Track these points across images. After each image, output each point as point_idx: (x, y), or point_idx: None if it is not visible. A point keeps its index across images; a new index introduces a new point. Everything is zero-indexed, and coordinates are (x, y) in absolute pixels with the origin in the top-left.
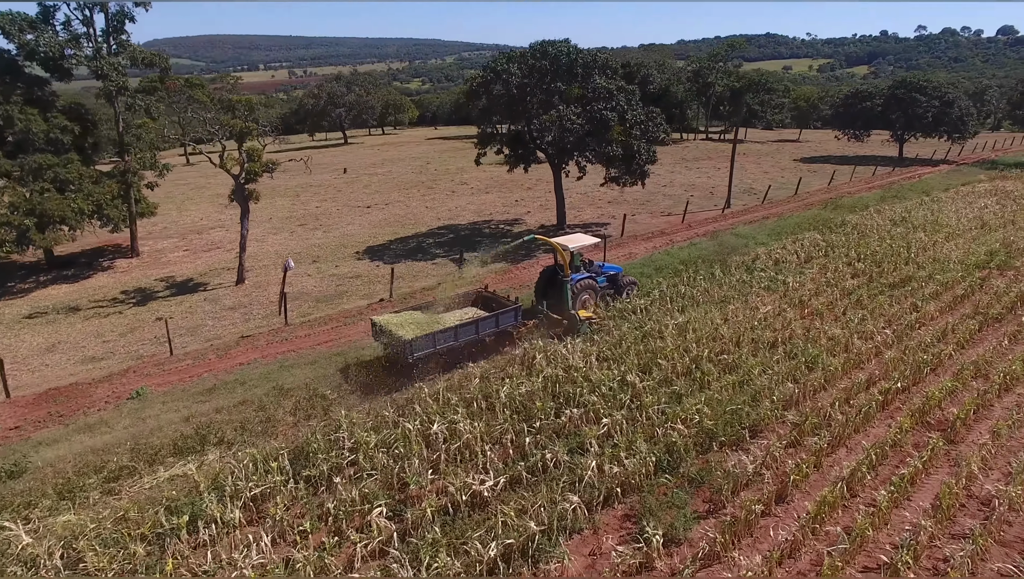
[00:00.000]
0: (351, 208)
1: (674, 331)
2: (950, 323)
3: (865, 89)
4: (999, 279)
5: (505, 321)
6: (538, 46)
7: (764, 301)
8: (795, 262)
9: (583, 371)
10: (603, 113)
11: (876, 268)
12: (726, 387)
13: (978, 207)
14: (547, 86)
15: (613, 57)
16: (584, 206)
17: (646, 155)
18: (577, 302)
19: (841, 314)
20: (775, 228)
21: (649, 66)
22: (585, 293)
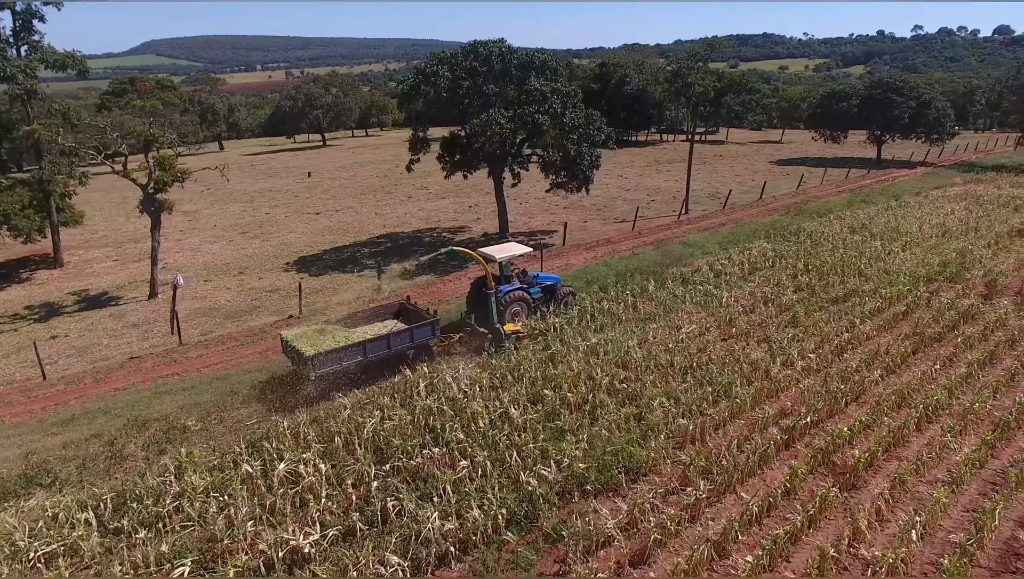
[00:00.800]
0: (300, 215)
1: (581, 354)
2: (883, 345)
3: (842, 89)
4: (948, 292)
5: (421, 335)
6: (469, 47)
7: (692, 318)
8: (738, 274)
9: (463, 402)
10: (535, 117)
11: (821, 281)
12: (619, 421)
13: (944, 213)
14: (480, 89)
15: (588, 56)
16: (538, 212)
17: (588, 160)
18: (506, 315)
19: (772, 333)
20: (727, 236)
21: (627, 66)
22: (515, 305)
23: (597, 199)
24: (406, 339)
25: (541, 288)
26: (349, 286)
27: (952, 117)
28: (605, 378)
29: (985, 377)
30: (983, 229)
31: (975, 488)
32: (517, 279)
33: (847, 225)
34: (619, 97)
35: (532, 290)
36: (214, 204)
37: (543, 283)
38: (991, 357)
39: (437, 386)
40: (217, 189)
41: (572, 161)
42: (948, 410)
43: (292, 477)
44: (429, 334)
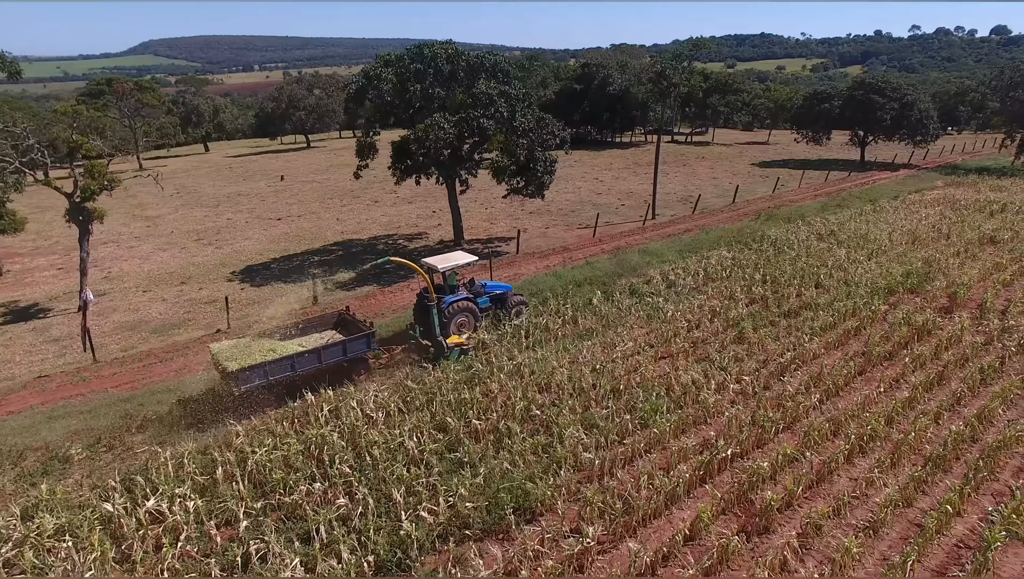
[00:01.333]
0: (261, 220)
1: (504, 375)
2: (828, 365)
3: (824, 90)
4: (908, 305)
5: (355, 349)
6: (415, 48)
7: (632, 335)
8: (691, 285)
9: (361, 430)
10: (480, 121)
11: (776, 293)
12: (525, 452)
13: (918, 218)
14: (426, 92)
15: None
16: (502, 218)
17: (543, 166)
18: (451, 327)
19: (714, 352)
20: (690, 244)
21: (610, 67)
22: (461, 316)
23: (565, 203)
24: (338, 353)
25: (490, 297)
26: (287, 297)
27: (935, 119)
28: (521, 403)
29: (928, 402)
30: (955, 236)
31: (897, 531)
32: (464, 288)
33: (815, 231)
34: (602, 98)
35: (480, 300)
36: (179, 209)
37: (492, 292)
38: (939, 378)
39: (341, 411)
40: (187, 193)
41: (525, 166)
42: (884, 440)
43: (157, 516)
44: (364, 347)
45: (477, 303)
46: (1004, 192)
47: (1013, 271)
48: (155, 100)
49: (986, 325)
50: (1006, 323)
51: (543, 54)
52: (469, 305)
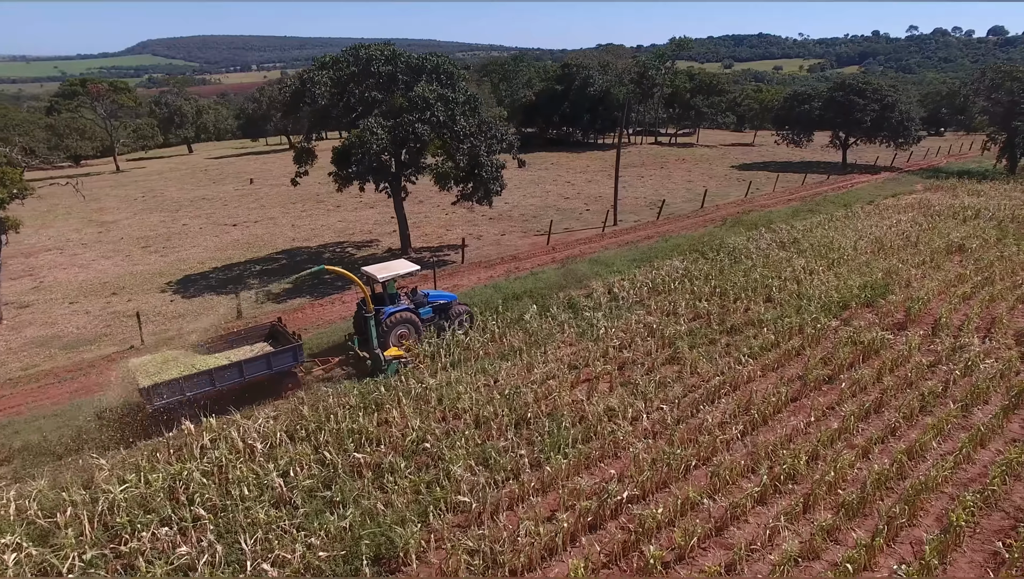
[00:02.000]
0: (216, 226)
1: (407, 401)
2: (762, 390)
3: (804, 91)
4: (860, 319)
5: (281, 362)
6: (351, 50)
7: (560, 354)
8: (634, 299)
9: (234, 464)
10: (415, 126)
11: (722, 307)
12: (406, 490)
13: (888, 225)
14: (363, 96)
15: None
16: (459, 225)
17: (488, 171)
18: (391, 338)
19: (641, 374)
20: (645, 252)
21: (591, 67)
22: (401, 327)
23: (529, 208)
24: (263, 366)
25: (433, 308)
26: (215, 310)
27: (917, 121)
28: (413, 434)
29: (859, 435)
30: (923, 244)
31: None
32: (407, 298)
33: (778, 239)
34: (582, 99)
35: (422, 310)
36: (139, 213)
37: (436, 302)
38: (877, 406)
39: (221, 441)
40: (152, 197)
41: (470, 173)
42: (803, 480)
43: None
44: (291, 360)
45: (419, 314)
46: (982, 197)
47: (975, 283)
48: (130, 101)
49: (938, 344)
50: (959, 341)
51: (542, 55)
52: (410, 316)
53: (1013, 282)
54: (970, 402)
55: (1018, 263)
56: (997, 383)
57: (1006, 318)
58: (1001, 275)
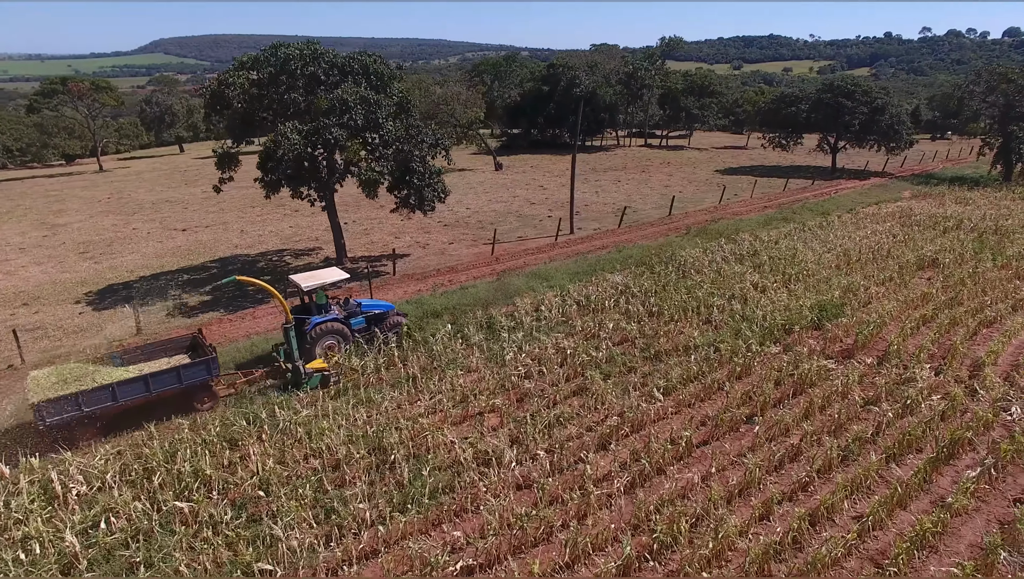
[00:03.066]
0: (165, 231)
1: (270, 437)
2: (664, 434)
3: (792, 93)
4: (804, 344)
5: (193, 375)
6: (270, 49)
7: (456, 382)
8: (560, 318)
9: (31, 517)
10: (331, 130)
11: (654, 329)
12: (218, 548)
13: (862, 236)
14: (282, 98)
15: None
16: (411, 232)
17: (421, 178)
18: (316, 350)
19: (539, 410)
20: (592, 264)
21: (577, 68)
22: (329, 338)
23: (490, 214)
24: (172, 380)
25: (367, 317)
26: (121, 324)
27: (908, 124)
28: (255, 478)
29: (764, 491)
30: (894, 257)
31: None
32: (339, 307)
33: (737, 251)
34: (568, 100)
35: (354, 320)
36: (95, 216)
37: (370, 312)
38: (791, 456)
39: (35, 486)
40: (118, 199)
41: (401, 179)
42: (669, 556)
43: None
44: (204, 373)
45: (350, 324)
46: (968, 205)
47: (939, 304)
48: (112, 101)
49: (884, 375)
50: (907, 373)
51: (549, 55)
52: (337, 326)
53: (980, 303)
54: (898, 452)
55: (988, 281)
56: (936, 426)
57: (963, 346)
58: (969, 295)
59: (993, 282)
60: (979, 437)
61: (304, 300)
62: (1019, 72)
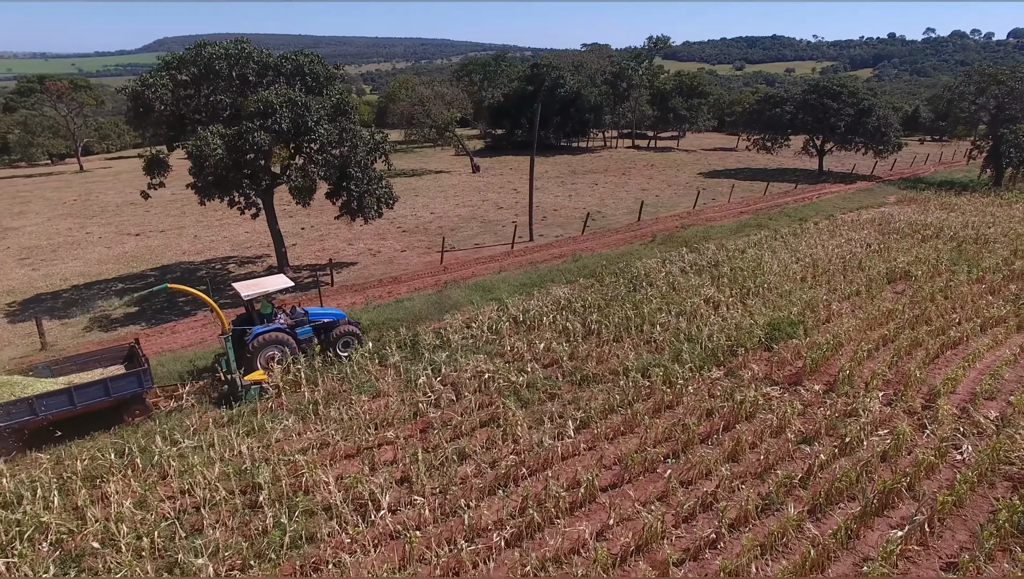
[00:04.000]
0: (118, 235)
1: (138, 474)
2: (567, 478)
3: (777, 94)
4: (747, 369)
5: (123, 388)
6: (194, 49)
7: (357, 409)
8: (491, 336)
9: None
10: (253, 134)
11: (587, 350)
12: None
13: (836, 244)
14: (207, 101)
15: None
16: (365, 238)
17: (359, 184)
18: (257, 361)
19: (436, 445)
20: (542, 275)
21: (562, 68)
22: (270, 349)
23: (453, 219)
24: (99, 393)
25: (314, 326)
26: (30, 339)
27: (896, 127)
28: (95, 526)
29: (662, 550)
30: (865, 268)
31: None
32: (286, 316)
33: (699, 261)
34: (552, 100)
35: (300, 330)
36: (52, 219)
37: (318, 321)
38: (706, 505)
39: None
40: (85, 200)
41: (340, 186)
42: None
43: None
44: (135, 386)
45: (295, 334)
46: (953, 212)
47: (904, 321)
48: (91, 100)
49: (829, 406)
50: (856, 403)
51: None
52: (281, 336)
53: (947, 322)
54: (825, 502)
55: (960, 297)
56: (874, 469)
57: (922, 372)
58: (938, 312)
59: (964, 297)
60: (921, 482)
61: (248, 309)
62: (1009, 73)
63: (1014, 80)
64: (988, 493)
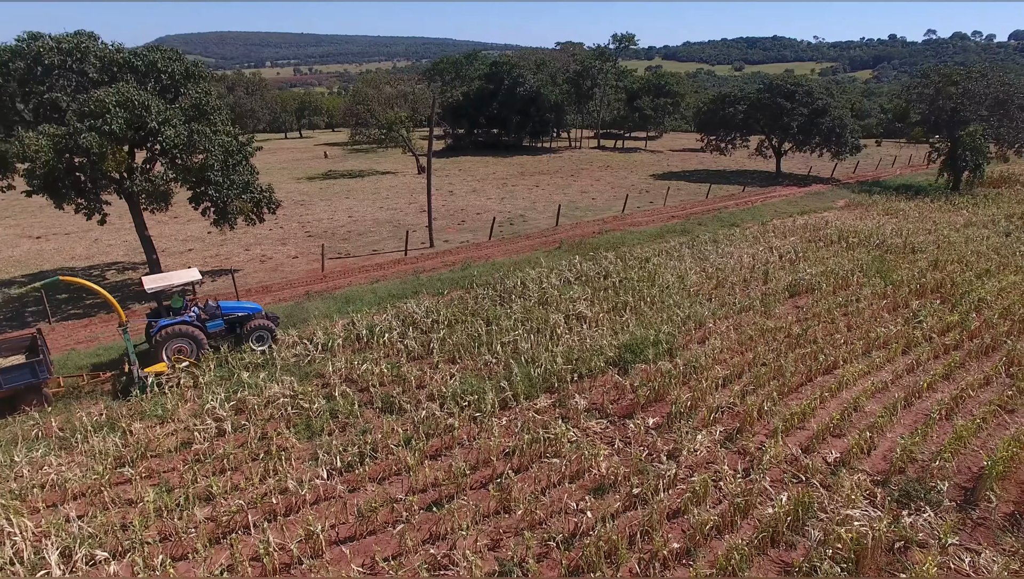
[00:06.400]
0: (18, 237)
1: None
2: (288, 534)
3: (731, 93)
4: (583, 395)
5: (14, 378)
6: (23, 43)
7: (129, 437)
8: (315, 356)
9: None
10: (80, 136)
11: (411, 371)
12: None
13: (754, 252)
14: (41, 99)
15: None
16: (265, 243)
17: (223, 190)
18: (163, 353)
19: (199, 479)
20: (418, 285)
21: (522, 66)
22: (176, 341)
23: (363, 224)
24: None
25: (227, 320)
26: None
27: (850, 128)
28: None
29: None
30: (772, 280)
31: None
32: (199, 309)
33: (586, 273)
34: (512, 99)
35: (211, 323)
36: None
37: (231, 314)
38: (434, 567)
39: None
40: (17, 200)
41: (198, 193)
42: None
43: None
44: (28, 377)
45: (204, 327)
46: (895, 217)
47: (781, 341)
48: None
49: (648, 445)
50: (682, 441)
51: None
52: (188, 329)
53: (827, 343)
54: (584, 567)
55: (855, 313)
56: (655, 528)
57: (772, 405)
58: (825, 330)
59: (861, 314)
60: (708, 545)
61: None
62: (964, 74)
63: (969, 81)
64: (780, 557)
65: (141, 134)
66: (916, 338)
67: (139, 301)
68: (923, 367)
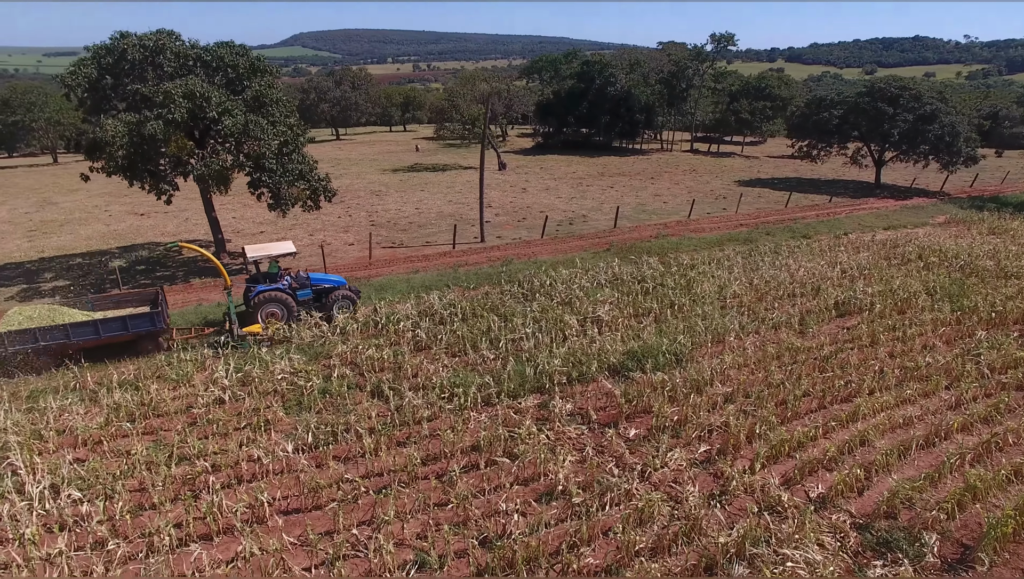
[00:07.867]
0: (126, 214)
1: None
2: (250, 495)
3: (826, 96)
4: (567, 399)
5: (138, 325)
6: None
7: (144, 395)
8: (330, 340)
9: None
10: (149, 124)
11: (409, 363)
12: None
13: (813, 266)
14: (125, 90)
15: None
16: (329, 229)
17: (272, 176)
18: (258, 315)
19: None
20: (454, 278)
21: (614, 66)
22: (270, 306)
23: (427, 216)
24: (119, 327)
25: (314, 290)
26: None
27: (964, 136)
28: None
29: None
30: (822, 297)
31: None
32: (292, 279)
33: (620, 276)
34: (602, 99)
35: (300, 292)
36: (92, 197)
37: (319, 285)
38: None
39: None
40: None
41: (255, 179)
42: None
43: None
44: (148, 325)
45: (295, 295)
46: (998, 237)
47: (803, 365)
48: None
49: (619, 454)
50: (657, 457)
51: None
52: (279, 295)
53: (856, 369)
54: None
55: (905, 340)
56: (591, 541)
57: (768, 430)
58: (859, 357)
59: (911, 339)
60: (624, 567)
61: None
62: None
63: None
64: None
65: (205, 123)
66: (967, 372)
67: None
68: (964, 406)
